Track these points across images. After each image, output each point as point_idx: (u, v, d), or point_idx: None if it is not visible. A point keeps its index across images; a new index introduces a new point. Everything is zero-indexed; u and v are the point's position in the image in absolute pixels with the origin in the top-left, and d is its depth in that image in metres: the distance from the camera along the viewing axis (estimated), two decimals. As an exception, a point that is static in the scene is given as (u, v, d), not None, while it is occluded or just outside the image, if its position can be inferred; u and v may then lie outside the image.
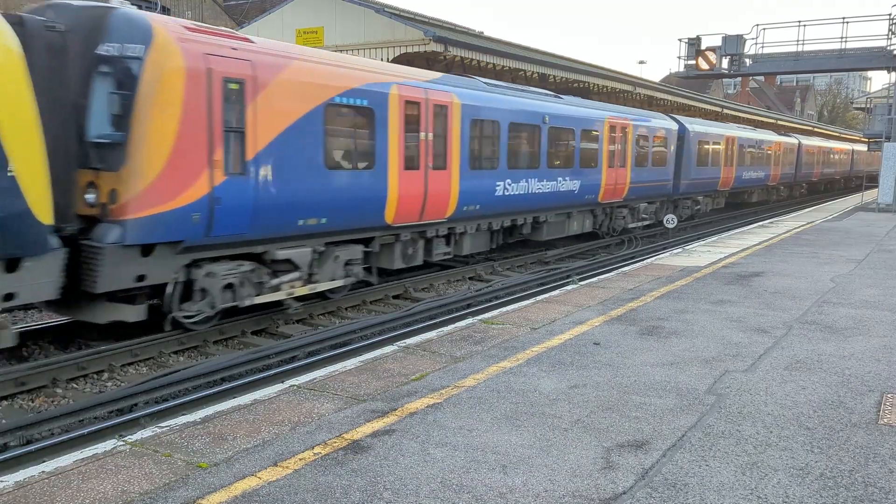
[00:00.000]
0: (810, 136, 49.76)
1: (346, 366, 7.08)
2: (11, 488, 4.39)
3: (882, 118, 30.21)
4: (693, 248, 16.90)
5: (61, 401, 7.92)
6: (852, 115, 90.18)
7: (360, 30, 21.68)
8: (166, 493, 4.36)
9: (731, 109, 44.06)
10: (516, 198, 15.65)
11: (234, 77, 9.16)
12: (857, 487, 4.56)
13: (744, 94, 74.40)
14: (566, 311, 9.54)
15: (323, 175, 10.59)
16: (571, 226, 18.78)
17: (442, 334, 8.34)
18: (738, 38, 28.60)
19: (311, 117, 10.30)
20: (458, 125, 13.70)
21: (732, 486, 4.55)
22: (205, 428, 5.40)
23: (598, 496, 4.40)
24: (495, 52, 22.66)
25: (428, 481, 4.56)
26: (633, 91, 32.30)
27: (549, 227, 17.60)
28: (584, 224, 19.54)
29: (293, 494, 4.36)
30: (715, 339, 8.21)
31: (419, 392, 6.24)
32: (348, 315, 11.94)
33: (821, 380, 6.76)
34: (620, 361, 7.24)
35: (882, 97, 36.70)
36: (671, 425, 5.54)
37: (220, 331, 10.16)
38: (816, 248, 16.65)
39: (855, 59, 28.71)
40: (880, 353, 7.73)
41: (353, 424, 5.48)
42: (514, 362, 7.15)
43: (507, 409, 5.85)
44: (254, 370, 8.84)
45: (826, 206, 32.68)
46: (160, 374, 8.55)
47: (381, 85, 11.65)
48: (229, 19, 32.46)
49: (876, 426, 5.61)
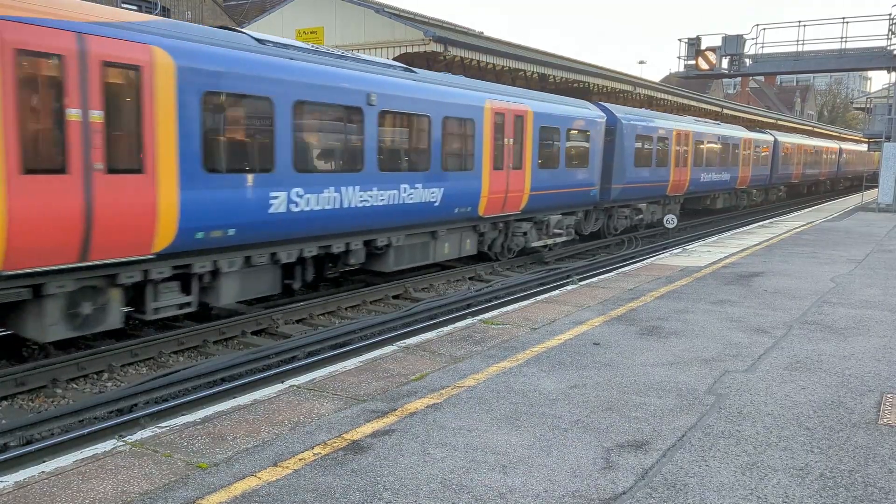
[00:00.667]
0: (790, 132, 45.30)
1: (346, 366, 7.08)
2: (11, 488, 4.39)
3: (882, 118, 30.22)
4: (693, 248, 16.90)
5: (61, 401, 7.91)
6: (852, 115, 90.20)
7: (360, 30, 21.69)
8: (166, 493, 4.36)
9: (731, 109, 44.07)
10: (318, 215, 10.74)
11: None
12: (856, 487, 4.56)
13: (744, 94, 74.46)
14: (566, 311, 9.54)
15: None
16: (439, 249, 14.05)
17: (442, 334, 8.34)
18: (738, 38, 28.60)
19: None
20: (171, 106, 8.58)
21: (732, 486, 4.55)
22: (205, 428, 5.39)
23: (597, 496, 4.40)
24: (495, 52, 22.66)
25: (428, 481, 4.56)
26: (633, 91, 32.31)
27: (400, 252, 13.01)
28: (464, 245, 14.78)
29: (293, 495, 4.36)
30: (715, 339, 8.20)
31: (419, 392, 6.24)
32: (348, 315, 11.94)
33: (821, 380, 6.76)
34: (620, 361, 7.23)
35: (882, 97, 36.72)
36: (671, 425, 5.54)
37: (220, 331, 10.16)
38: (816, 248, 16.65)
39: (855, 59, 28.71)
40: (880, 353, 7.73)
41: (353, 425, 5.48)
42: (513, 362, 7.15)
43: (506, 409, 5.85)
44: (254, 370, 8.84)
45: (826, 207, 32.67)
46: (160, 375, 8.55)
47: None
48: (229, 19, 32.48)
49: (876, 426, 5.61)
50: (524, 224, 16.79)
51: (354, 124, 11.32)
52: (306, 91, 10.37)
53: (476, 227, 15.05)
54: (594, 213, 20.39)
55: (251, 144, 9.85)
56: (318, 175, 10.77)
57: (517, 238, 16.81)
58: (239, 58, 9.48)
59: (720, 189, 29.51)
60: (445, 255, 14.26)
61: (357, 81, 11.32)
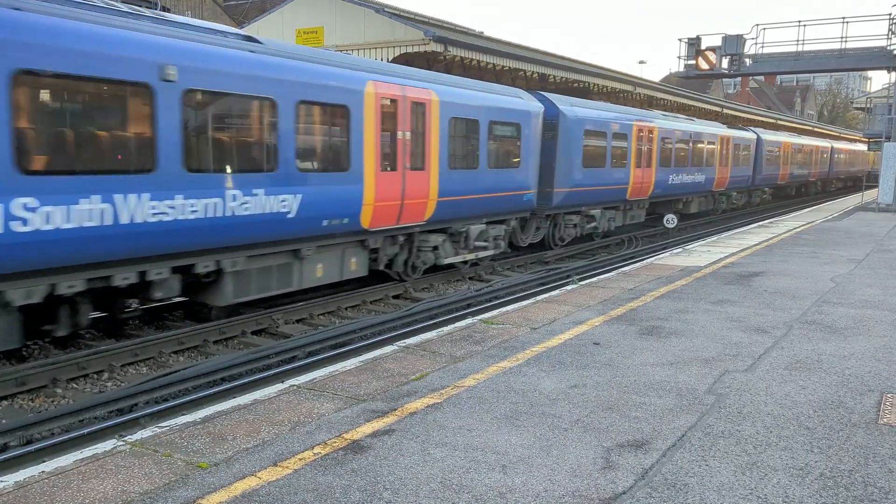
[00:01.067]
0: (777, 129, 42.25)
1: (346, 366, 7.08)
2: (11, 488, 4.39)
3: (882, 118, 30.24)
4: (693, 247, 16.90)
5: (61, 401, 7.91)
6: (852, 114, 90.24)
7: (359, 30, 21.69)
8: (166, 493, 4.36)
9: (731, 109, 44.08)
10: (70, 236, 7.62)
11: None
12: (856, 487, 4.56)
13: (744, 94, 74.48)
14: (566, 311, 9.54)
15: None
16: (308, 272, 11.04)
17: (442, 334, 8.34)
18: (738, 38, 28.61)
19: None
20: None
21: (732, 485, 4.55)
22: (205, 428, 5.40)
23: (597, 496, 4.40)
24: (495, 52, 22.66)
25: (428, 481, 4.56)
26: (634, 91, 32.32)
27: (243, 279, 10.00)
28: (346, 265, 11.74)
29: (293, 494, 4.36)
30: (715, 338, 8.21)
31: (419, 392, 6.24)
32: (348, 315, 11.94)
33: (821, 380, 6.76)
34: (620, 361, 7.24)
35: (882, 97, 36.73)
36: (671, 425, 5.54)
37: (221, 331, 10.16)
38: (816, 247, 16.65)
39: (855, 59, 28.73)
40: (880, 352, 7.73)
41: (353, 424, 5.48)
42: (513, 362, 7.15)
43: (506, 408, 5.85)
44: (254, 370, 8.84)
45: (826, 206, 32.68)
46: (160, 374, 8.55)
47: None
48: (229, 19, 32.50)
49: (876, 426, 5.61)
50: (434, 237, 13.68)
51: (137, 107, 8.33)
52: (36, 55, 7.24)
53: (364, 243, 11.98)
54: (534, 222, 17.61)
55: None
56: (68, 179, 7.59)
57: (425, 254, 13.77)
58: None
59: (694, 192, 26.63)
60: (319, 279, 11.31)
61: (141, 48, 8.19)
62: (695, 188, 26.37)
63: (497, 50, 22.80)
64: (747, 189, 33.29)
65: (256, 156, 9.83)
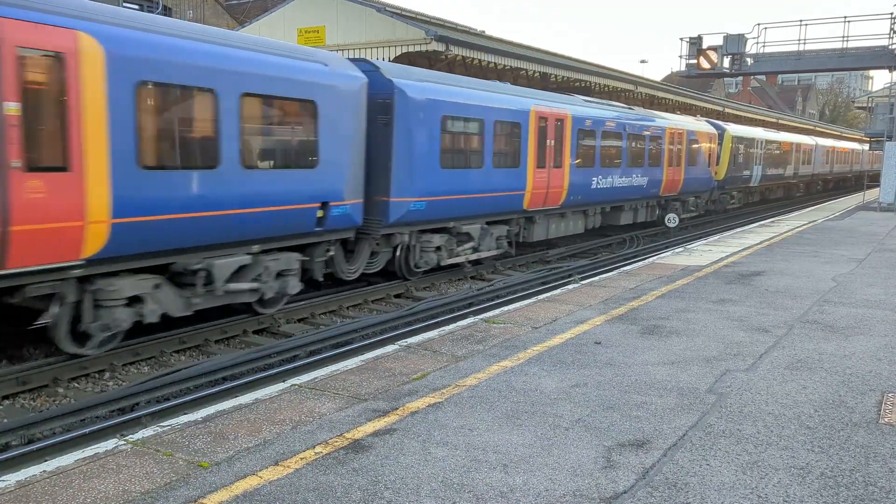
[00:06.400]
0: (752, 124, 37.47)
1: (348, 365, 7.09)
2: (13, 487, 4.40)
3: (883, 117, 30.20)
4: (694, 247, 16.89)
5: (63, 400, 7.93)
6: (854, 114, 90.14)
7: (361, 29, 21.70)
8: (167, 492, 4.37)
9: (732, 109, 44.03)
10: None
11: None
12: (857, 487, 4.56)
13: (745, 93, 74.45)
14: (568, 311, 9.54)
15: None
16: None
17: (443, 333, 8.35)
18: (740, 38, 28.55)
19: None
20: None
21: (733, 485, 4.55)
22: (206, 427, 5.40)
23: (598, 495, 4.40)
24: (496, 52, 22.67)
25: (429, 480, 4.56)
26: (635, 90, 32.32)
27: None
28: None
29: (294, 494, 4.37)
30: (716, 338, 8.20)
31: (420, 391, 6.24)
32: (350, 314, 11.94)
33: (822, 379, 6.76)
34: (622, 360, 7.24)
35: (883, 96, 36.69)
36: (672, 424, 5.55)
37: (222, 330, 10.17)
38: (818, 247, 16.64)
39: (856, 59, 28.67)
40: (881, 352, 7.73)
41: (355, 424, 5.49)
42: (515, 361, 7.15)
43: (508, 408, 5.85)
44: (255, 369, 8.85)
45: (827, 206, 32.64)
46: (162, 374, 8.56)
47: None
48: (231, 19, 32.50)
49: (877, 426, 5.61)
50: (117, 282, 8.50)
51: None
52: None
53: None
54: (366, 245, 12.49)
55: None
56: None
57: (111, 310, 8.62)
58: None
59: (632, 198, 21.38)
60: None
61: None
62: (634, 193, 21.34)
63: (498, 49, 22.82)
64: (709, 193, 27.92)
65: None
